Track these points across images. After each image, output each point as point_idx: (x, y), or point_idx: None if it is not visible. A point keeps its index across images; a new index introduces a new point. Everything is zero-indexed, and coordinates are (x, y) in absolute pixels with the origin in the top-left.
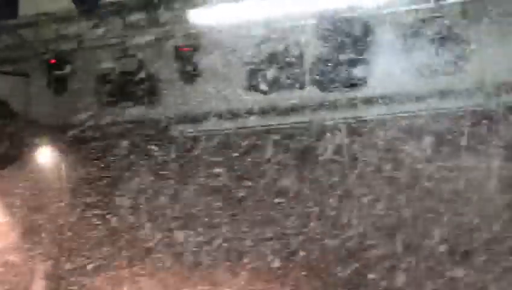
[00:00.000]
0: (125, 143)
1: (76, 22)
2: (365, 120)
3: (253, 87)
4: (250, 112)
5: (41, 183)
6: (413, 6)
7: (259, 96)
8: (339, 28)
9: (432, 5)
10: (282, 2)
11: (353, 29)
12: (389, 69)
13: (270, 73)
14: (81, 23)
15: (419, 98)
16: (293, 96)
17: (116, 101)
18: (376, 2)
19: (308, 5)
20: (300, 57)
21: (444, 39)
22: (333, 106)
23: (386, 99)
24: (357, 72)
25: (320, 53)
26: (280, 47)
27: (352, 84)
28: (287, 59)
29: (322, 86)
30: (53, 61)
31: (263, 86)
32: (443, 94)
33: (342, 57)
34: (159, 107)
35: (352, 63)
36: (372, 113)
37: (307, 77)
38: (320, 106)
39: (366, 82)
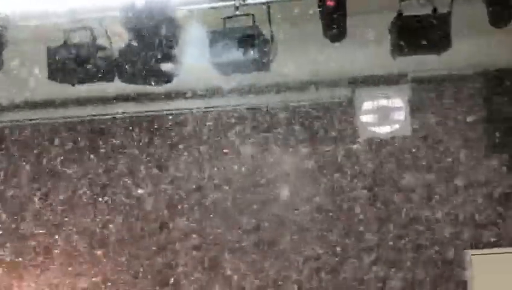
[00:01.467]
0: None
1: None
2: (171, 114)
3: (58, 79)
4: (54, 104)
5: None
6: (219, 4)
7: (65, 88)
8: (145, 22)
9: (237, 3)
10: None
11: (159, 24)
12: (195, 65)
13: (76, 64)
14: None
15: (224, 94)
16: (100, 89)
17: None
18: None
19: None
20: (108, 49)
21: (249, 38)
22: (139, 99)
23: (192, 94)
24: (164, 67)
25: (127, 47)
26: (86, 38)
27: (159, 79)
28: (94, 50)
29: (128, 79)
30: None
31: (69, 77)
32: (247, 91)
33: (149, 52)
34: None
35: (159, 57)
36: (177, 107)
37: (114, 70)
38: (128, 98)
39: (172, 77)
